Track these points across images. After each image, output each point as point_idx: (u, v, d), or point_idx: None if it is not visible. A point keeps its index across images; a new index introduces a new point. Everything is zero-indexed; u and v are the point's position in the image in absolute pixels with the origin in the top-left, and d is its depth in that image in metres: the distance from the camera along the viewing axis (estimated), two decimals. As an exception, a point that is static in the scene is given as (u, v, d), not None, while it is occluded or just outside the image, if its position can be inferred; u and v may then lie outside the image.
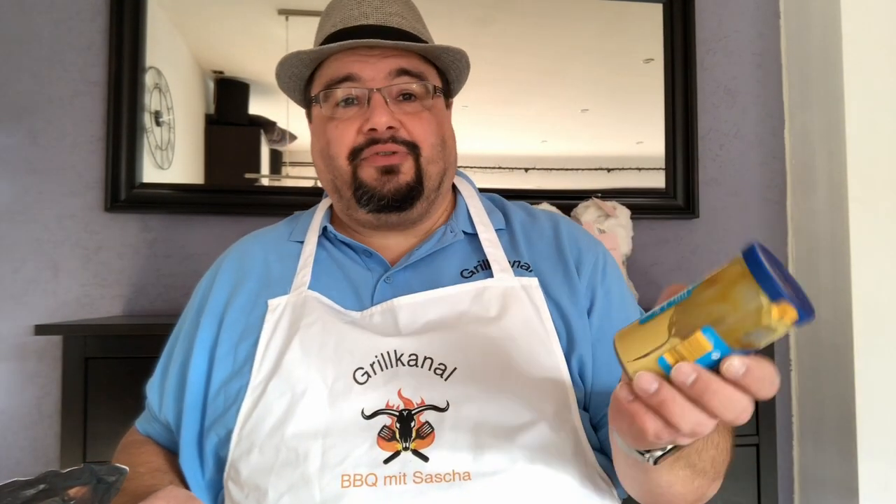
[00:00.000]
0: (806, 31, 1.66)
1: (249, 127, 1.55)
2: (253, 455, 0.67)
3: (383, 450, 0.63)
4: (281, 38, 1.54)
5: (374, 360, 0.68)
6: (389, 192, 0.75)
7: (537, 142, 1.65)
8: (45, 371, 1.44)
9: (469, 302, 0.73)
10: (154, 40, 1.51)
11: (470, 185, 0.89)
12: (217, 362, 0.75)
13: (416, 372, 0.67)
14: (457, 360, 0.68)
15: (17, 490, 0.41)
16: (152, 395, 0.82)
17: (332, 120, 0.77)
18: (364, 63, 0.75)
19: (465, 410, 0.65)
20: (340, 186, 0.77)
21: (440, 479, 0.62)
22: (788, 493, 1.68)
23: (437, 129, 0.78)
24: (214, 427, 0.72)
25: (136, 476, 0.73)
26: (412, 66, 0.77)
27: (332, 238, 0.82)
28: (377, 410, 0.65)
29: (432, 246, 0.78)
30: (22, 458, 1.43)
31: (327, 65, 0.78)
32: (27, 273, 1.45)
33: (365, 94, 0.75)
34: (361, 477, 0.62)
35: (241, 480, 0.67)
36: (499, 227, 0.82)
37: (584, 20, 1.67)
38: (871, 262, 1.48)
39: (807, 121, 1.66)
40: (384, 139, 0.74)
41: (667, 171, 1.68)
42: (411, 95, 0.77)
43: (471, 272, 0.77)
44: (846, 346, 1.49)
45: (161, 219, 1.51)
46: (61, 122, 1.47)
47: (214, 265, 0.86)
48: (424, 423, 0.65)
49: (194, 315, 0.81)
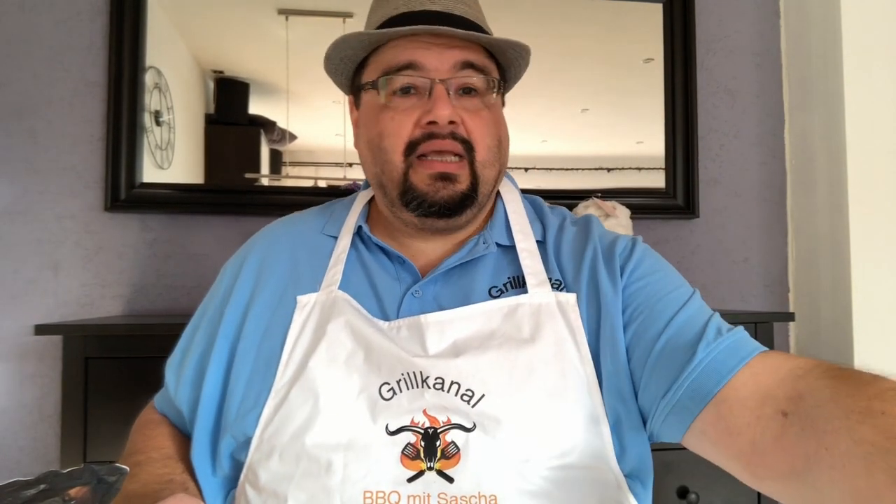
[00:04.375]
0: (806, 31, 1.66)
1: (249, 127, 1.55)
2: (273, 461, 0.65)
3: (406, 468, 0.61)
4: (281, 38, 1.54)
5: (400, 378, 0.65)
6: (442, 199, 0.70)
7: (537, 142, 1.65)
8: (45, 371, 1.44)
9: (500, 320, 0.69)
10: (154, 40, 1.51)
11: (513, 186, 0.83)
12: (238, 358, 0.72)
13: (441, 395, 0.64)
14: (485, 386, 0.64)
15: (18, 490, 0.41)
16: (170, 377, 0.78)
17: (387, 109, 0.72)
18: (428, 51, 0.70)
19: (493, 433, 0.63)
20: (386, 183, 0.73)
21: (465, 501, 0.60)
22: (788, 492, 1.68)
23: (495, 129, 0.74)
24: (231, 429, 0.69)
25: (148, 461, 0.70)
26: (477, 60, 0.72)
27: (366, 239, 0.78)
28: (402, 427, 0.63)
29: (462, 257, 0.74)
30: (22, 458, 1.43)
31: (386, 50, 0.72)
32: (27, 273, 1.45)
33: (426, 84, 0.70)
34: (384, 495, 0.60)
35: (259, 485, 0.66)
36: (538, 240, 0.77)
37: (583, 20, 1.67)
38: (871, 262, 1.48)
39: (807, 121, 1.66)
40: (443, 134, 0.70)
41: (667, 171, 1.68)
42: (472, 90, 0.72)
43: (500, 290, 0.72)
44: (846, 345, 1.49)
45: (161, 219, 1.51)
46: (61, 122, 1.47)
47: (241, 252, 0.81)
48: (450, 442, 0.62)
49: (219, 304, 0.77)
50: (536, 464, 0.62)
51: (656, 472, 0.69)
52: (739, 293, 1.71)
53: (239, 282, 0.76)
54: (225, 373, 0.72)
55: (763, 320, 1.34)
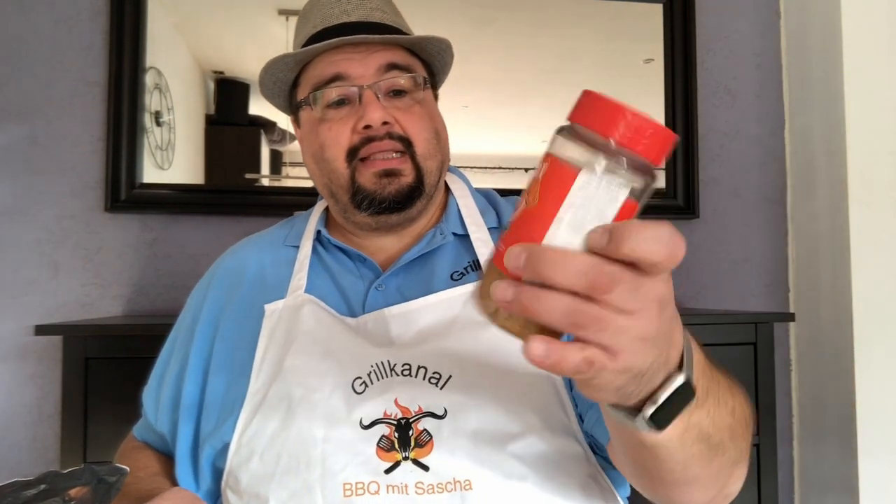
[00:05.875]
0: (806, 31, 1.66)
1: (249, 127, 1.55)
2: (253, 462, 0.66)
3: (383, 460, 0.62)
4: (281, 38, 1.54)
5: (370, 370, 0.68)
6: (390, 195, 0.74)
7: (537, 142, 1.65)
8: (45, 371, 1.44)
9: (461, 306, 0.71)
10: (154, 40, 1.51)
11: (463, 182, 0.88)
12: (212, 373, 0.74)
13: (410, 381, 0.66)
14: (451, 368, 0.67)
15: (18, 490, 0.41)
16: (148, 405, 0.82)
17: (323, 122, 0.76)
18: (351, 61, 0.74)
19: (463, 418, 0.64)
20: (336, 190, 0.76)
21: (441, 488, 0.61)
22: (788, 493, 1.68)
23: (430, 122, 0.77)
24: (210, 439, 0.71)
25: (136, 480, 0.73)
26: (400, 60, 0.76)
27: (326, 243, 0.81)
28: (375, 420, 0.65)
29: (422, 248, 0.77)
30: (22, 459, 1.43)
31: (313, 66, 0.76)
32: (27, 273, 1.45)
33: (355, 92, 0.74)
34: (364, 486, 0.61)
35: (240, 489, 0.67)
36: (491, 226, 0.80)
37: (584, 20, 1.67)
38: (871, 262, 1.48)
39: (807, 121, 1.66)
40: (380, 136, 0.73)
41: (667, 171, 1.68)
42: (401, 91, 0.76)
43: (461, 274, 0.76)
44: (846, 345, 1.49)
45: (161, 219, 1.51)
46: (61, 122, 1.47)
47: (208, 274, 0.85)
48: (423, 430, 0.64)
49: (189, 325, 0.80)
50: (506, 447, 0.63)
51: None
52: (739, 293, 1.71)
53: (207, 302, 0.79)
54: (201, 387, 0.75)
55: (763, 320, 1.34)
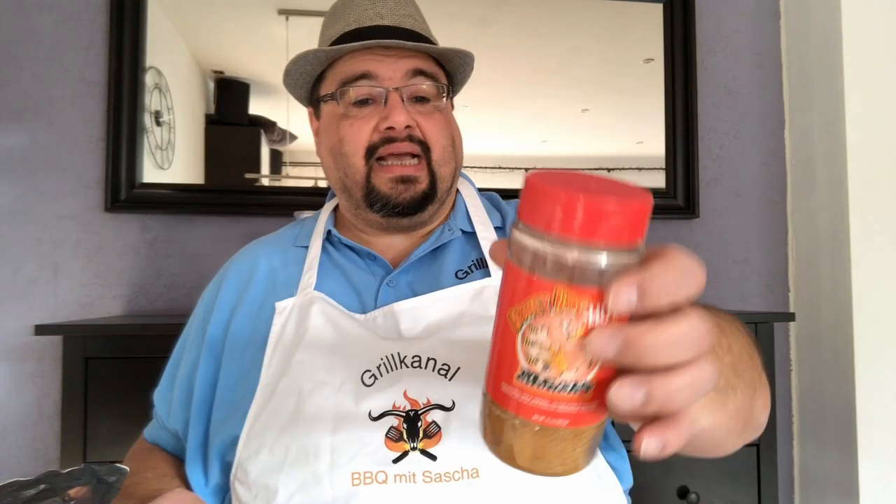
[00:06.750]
0: (806, 31, 1.66)
1: (249, 127, 1.55)
2: (262, 455, 0.67)
3: (391, 450, 0.63)
4: (281, 38, 1.54)
5: (379, 363, 0.69)
6: (405, 201, 0.76)
7: (537, 142, 1.65)
8: (45, 371, 1.44)
9: (469, 302, 0.73)
10: (154, 40, 1.51)
11: (470, 184, 0.90)
12: (224, 369, 0.75)
13: (420, 373, 0.67)
14: (460, 359, 0.68)
15: (18, 490, 0.41)
16: (160, 405, 0.83)
17: (346, 118, 0.77)
18: (381, 62, 0.76)
19: (471, 408, 0.65)
20: (350, 186, 0.78)
21: (449, 477, 0.62)
22: (788, 493, 1.68)
23: (448, 129, 0.80)
24: (220, 433, 0.72)
25: (143, 481, 0.73)
26: (427, 67, 0.78)
27: (336, 242, 0.82)
28: (384, 412, 0.65)
29: (431, 244, 0.79)
30: (22, 458, 1.43)
31: (342, 63, 0.78)
32: (27, 273, 1.45)
33: (381, 93, 0.76)
34: (372, 475, 0.62)
35: (249, 481, 0.67)
36: (497, 226, 0.83)
37: (584, 20, 1.67)
38: (871, 262, 1.48)
39: (807, 121, 1.66)
40: (401, 137, 0.75)
41: (667, 171, 1.68)
42: (424, 98, 0.78)
43: (465, 272, 0.78)
44: (846, 345, 1.49)
45: (161, 219, 1.51)
46: (61, 122, 1.47)
47: (220, 273, 0.86)
48: (431, 422, 0.65)
49: (200, 324, 0.81)
50: None
51: (657, 472, 0.70)
52: (739, 293, 1.71)
53: (218, 301, 0.80)
54: (212, 383, 0.76)
55: (763, 320, 1.34)
